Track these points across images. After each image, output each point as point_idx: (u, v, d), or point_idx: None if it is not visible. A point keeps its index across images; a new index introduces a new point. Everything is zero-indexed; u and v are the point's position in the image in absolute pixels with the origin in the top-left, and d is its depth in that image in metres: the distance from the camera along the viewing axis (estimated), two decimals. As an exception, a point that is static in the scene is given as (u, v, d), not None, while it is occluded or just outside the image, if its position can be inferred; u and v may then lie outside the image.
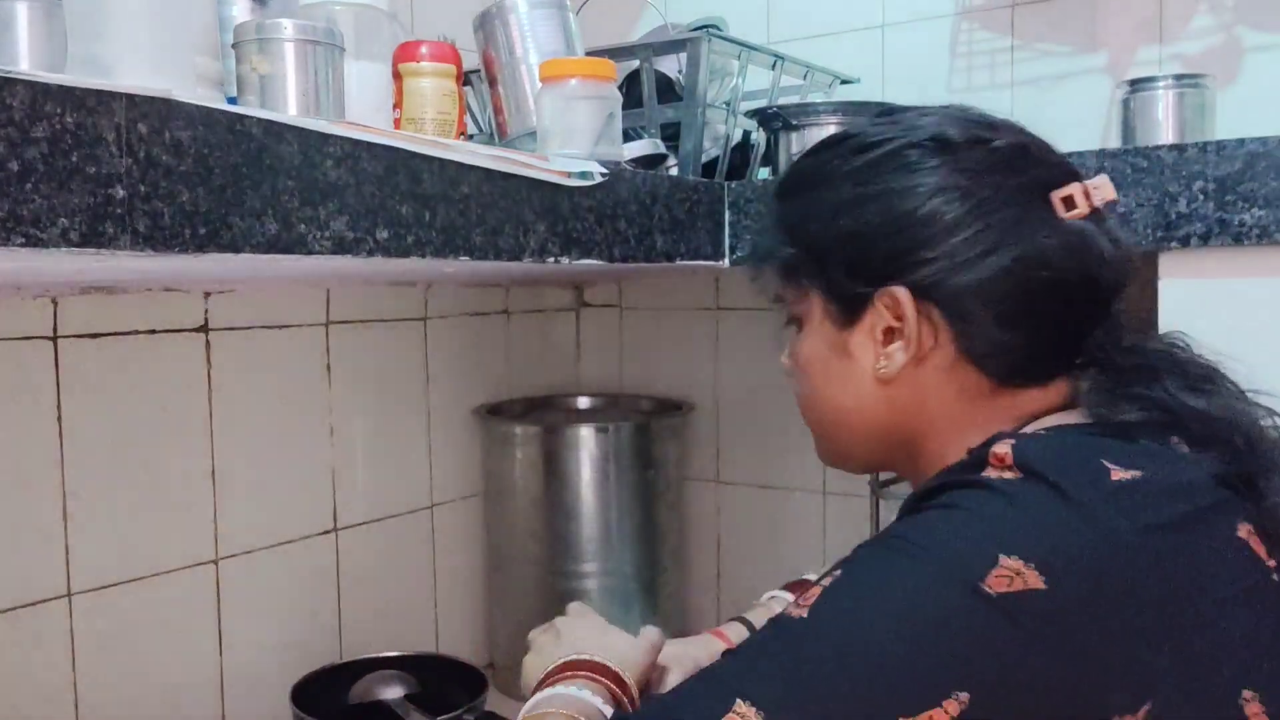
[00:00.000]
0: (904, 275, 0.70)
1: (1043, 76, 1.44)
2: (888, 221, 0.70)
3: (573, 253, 0.95)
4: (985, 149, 0.71)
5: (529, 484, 1.46)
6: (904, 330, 0.71)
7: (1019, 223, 0.69)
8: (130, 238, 0.60)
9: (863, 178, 0.72)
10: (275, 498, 1.27)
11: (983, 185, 0.69)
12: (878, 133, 0.74)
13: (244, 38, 0.79)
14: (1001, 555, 0.57)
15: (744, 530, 1.63)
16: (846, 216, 0.72)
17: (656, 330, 1.70)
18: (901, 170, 0.71)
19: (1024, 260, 0.68)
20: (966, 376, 0.71)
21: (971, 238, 0.68)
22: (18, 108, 0.54)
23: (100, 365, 1.09)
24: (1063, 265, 0.69)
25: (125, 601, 1.12)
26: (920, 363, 0.71)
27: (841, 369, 0.75)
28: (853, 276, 0.72)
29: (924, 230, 0.69)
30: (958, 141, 0.71)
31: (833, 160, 0.75)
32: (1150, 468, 0.62)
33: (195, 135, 0.63)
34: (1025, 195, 0.70)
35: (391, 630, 1.41)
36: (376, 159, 0.76)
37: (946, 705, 0.55)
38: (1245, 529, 0.62)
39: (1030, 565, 0.56)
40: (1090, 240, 0.70)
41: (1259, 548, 0.62)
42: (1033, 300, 0.69)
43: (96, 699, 1.10)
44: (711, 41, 1.25)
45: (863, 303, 0.72)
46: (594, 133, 1.01)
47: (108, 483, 1.10)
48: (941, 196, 0.69)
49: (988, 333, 0.69)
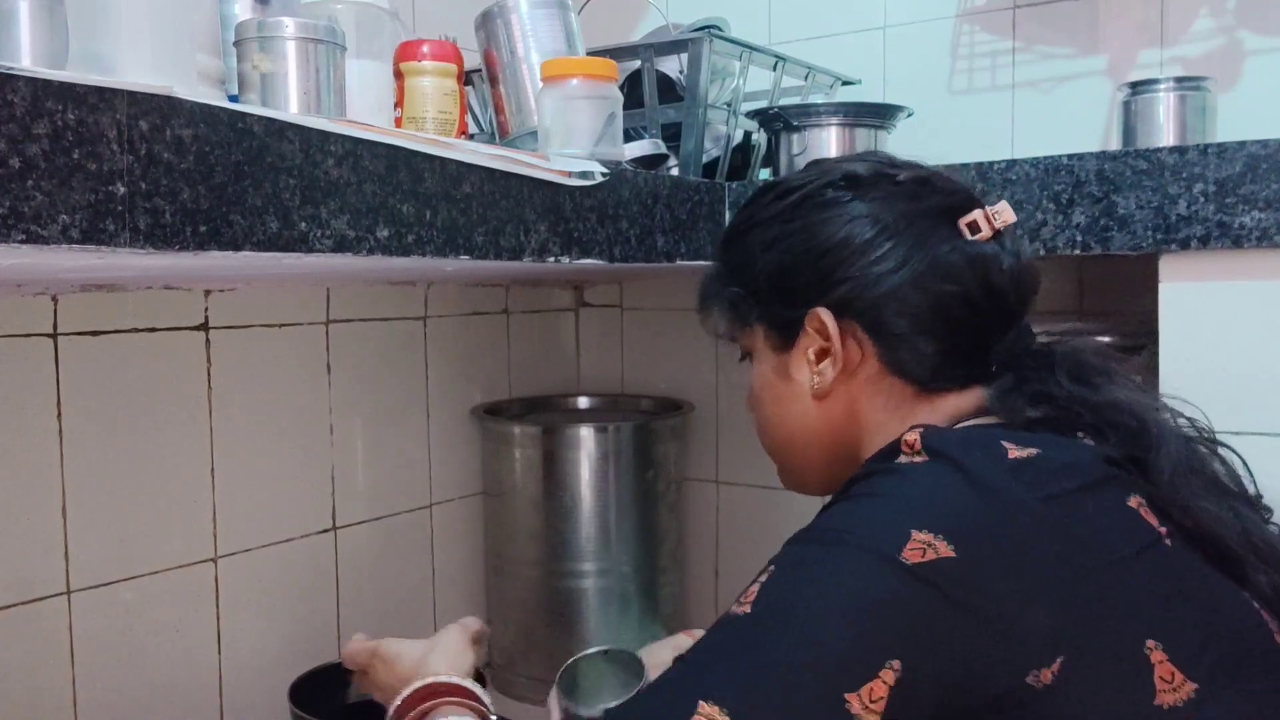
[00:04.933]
0: (827, 297, 0.78)
1: (1044, 78, 1.44)
2: (809, 250, 0.79)
3: (573, 252, 0.95)
4: (890, 182, 0.80)
5: (528, 484, 1.46)
6: (831, 348, 0.79)
7: (924, 242, 0.77)
8: (131, 235, 0.60)
9: (787, 217, 0.82)
10: (274, 497, 1.27)
11: (889, 211, 0.78)
12: (798, 178, 0.84)
13: (245, 36, 0.79)
14: (913, 530, 0.63)
15: (744, 530, 1.63)
16: (775, 251, 0.82)
17: (657, 330, 1.70)
18: (819, 206, 0.80)
19: (930, 274, 0.76)
20: (891, 385, 0.78)
21: (881, 257, 0.77)
22: (19, 104, 0.54)
23: (100, 363, 1.09)
24: (966, 278, 0.76)
25: (124, 599, 1.12)
26: (850, 376, 0.79)
27: (785, 391, 0.83)
28: (784, 303, 0.81)
29: (840, 254, 0.78)
30: (865, 177, 0.80)
31: (761, 206, 0.84)
32: (1044, 448, 0.69)
33: (196, 133, 0.63)
34: (929, 219, 0.78)
35: (390, 629, 1.40)
36: (377, 158, 0.76)
37: (883, 675, 0.60)
38: (1135, 500, 0.69)
39: (939, 537, 0.62)
40: (991, 256, 0.78)
41: (1149, 517, 0.68)
42: (942, 311, 0.76)
43: (95, 697, 1.10)
44: (713, 42, 1.25)
45: (796, 327, 0.80)
46: (595, 132, 1.01)
47: (107, 480, 1.10)
48: (854, 224, 0.78)
49: (905, 342, 0.77)
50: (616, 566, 1.45)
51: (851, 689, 0.59)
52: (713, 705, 0.59)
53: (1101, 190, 0.99)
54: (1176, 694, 0.62)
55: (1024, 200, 1.03)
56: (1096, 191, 1.00)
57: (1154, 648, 0.63)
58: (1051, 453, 0.69)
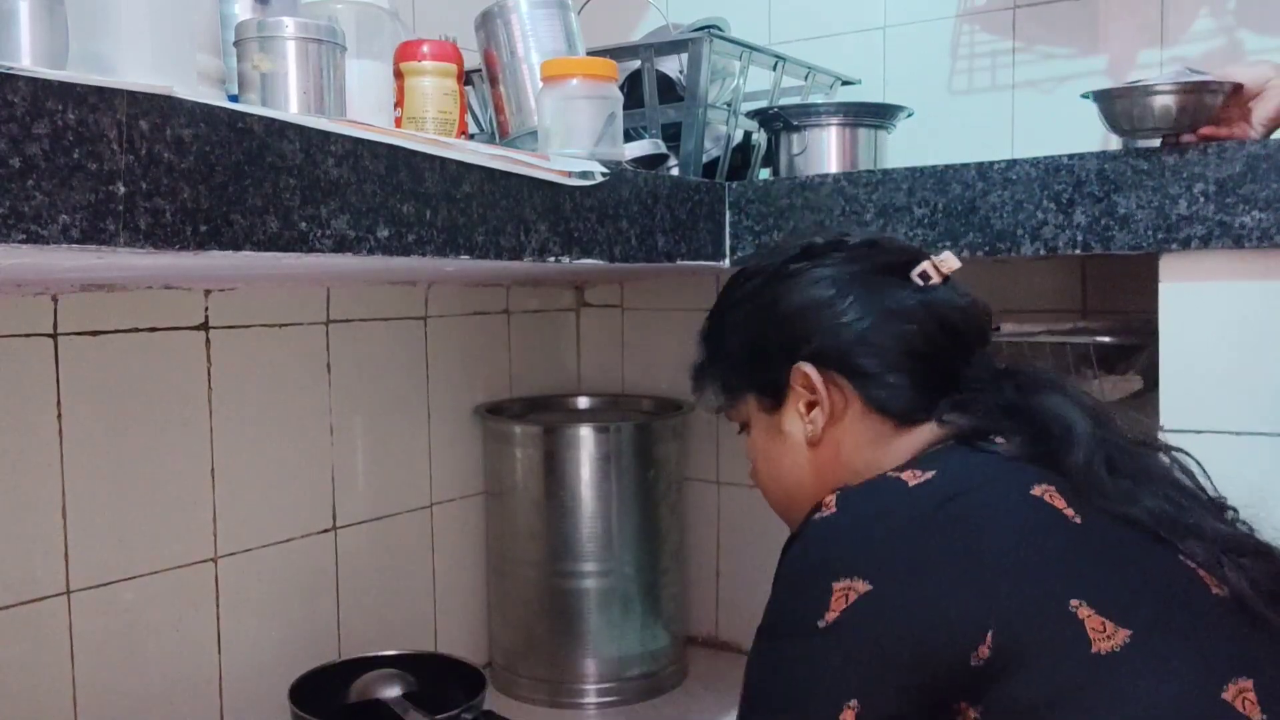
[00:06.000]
0: (803, 350, 0.87)
1: (1044, 79, 1.44)
2: (781, 317, 0.89)
3: (574, 252, 0.95)
4: (844, 248, 0.90)
5: (529, 484, 1.46)
6: (819, 398, 0.87)
7: (881, 291, 0.87)
8: (131, 235, 0.60)
9: (757, 294, 0.92)
10: (275, 496, 1.27)
11: (847, 271, 0.88)
12: (761, 262, 0.94)
13: (245, 35, 0.79)
14: (833, 583, 0.71)
15: (745, 531, 1.63)
16: (751, 326, 0.92)
17: (657, 330, 1.70)
18: (782, 279, 0.90)
19: (890, 317, 0.86)
20: (873, 422, 0.86)
21: (845, 309, 0.86)
22: (19, 104, 0.54)
23: (100, 363, 1.09)
24: (922, 317, 0.86)
25: (124, 599, 1.12)
26: (837, 420, 0.87)
27: (781, 447, 0.91)
28: (767, 368, 0.90)
29: (808, 314, 0.88)
30: (819, 246, 0.91)
31: (732, 292, 0.95)
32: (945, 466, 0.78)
33: (197, 133, 0.63)
34: (883, 271, 0.88)
35: (390, 629, 1.41)
36: (378, 158, 0.76)
37: (844, 717, 0.70)
38: (1040, 489, 0.75)
39: (856, 577, 0.71)
40: (944, 300, 0.87)
41: (1056, 501, 0.74)
42: (906, 348, 0.85)
43: (95, 696, 1.10)
44: (713, 42, 1.25)
45: (783, 385, 0.89)
46: (595, 132, 1.01)
47: (107, 480, 1.10)
48: (815, 287, 0.88)
49: (878, 380, 0.85)
50: (618, 567, 1.45)
51: None
52: None
53: (1102, 190, 0.99)
54: (1111, 640, 0.67)
55: (1024, 200, 1.03)
56: (1097, 191, 1.00)
57: (1079, 605, 0.68)
58: (951, 468, 0.78)
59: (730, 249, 1.19)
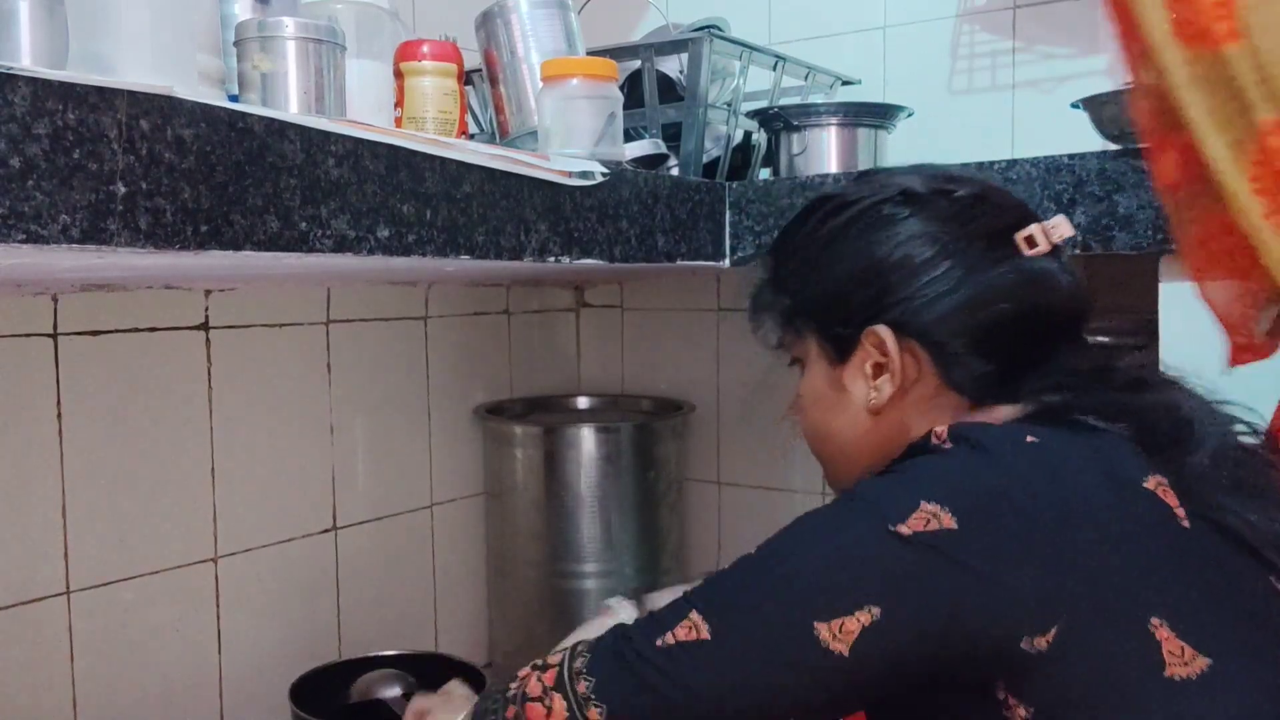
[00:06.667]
0: (884, 315, 0.79)
1: (1044, 79, 1.44)
2: (866, 269, 0.80)
3: (574, 252, 0.95)
4: (948, 199, 0.80)
5: (529, 484, 1.46)
6: (890, 365, 0.79)
7: (981, 261, 0.78)
8: (131, 234, 0.60)
9: (843, 233, 0.82)
10: (275, 496, 1.27)
11: (947, 230, 0.78)
12: (853, 193, 0.83)
13: (246, 35, 0.79)
14: (922, 500, 0.66)
15: (744, 531, 1.63)
16: (832, 268, 0.82)
17: (657, 331, 1.70)
18: (875, 224, 0.80)
19: (987, 294, 0.77)
20: (947, 400, 0.79)
21: (939, 277, 0.77)
22: (19, 104, 0.54)
23: (100, 363, 1.09)
24: (1022, 297, 0.77)
25: (124, 599, 1.12)
26: (905, 392, 0.80)
27: (838, 402, 0.83)
28: (841, 320, 0.81)
29: (898, 274, 0.78)
30: (923, 194, 0.80)
31: (816, 221, 0.84)
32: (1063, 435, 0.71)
33: (197, 133, 0.63)
34: (986, 237, 0.78)
35: (391, 629, 1.41)
36: (378, 158, 0.76)
37: (859, 615, 0.65)
38: (1153, 481, 0.69)
39: (945, 509, 0.66)
40: (1047, 275, 0.79)
41: (1167, 498, 0.69)
42: (997, 329, 0.77)
43: (95, 696, 1.10)
44: (713, 42, 1.25)
45: (852, 342, 0.81)
46: (595, 132, 1.01)
47: (107, 480, 1.10)
48: (911, 243, 0.78)
49: (963, 361, 0.78)
50: (618, 567, 1.45)
51: (821, 619, 0.65)
52: (698, 615, 0.68)
53: (1103, 190, 0.99)
54: (1188, 668, 0.63)
55: (1025, 199, 1.02)
56: (1098, 191, 1.00)
57: (1159, 625, 0.64)
58: (1068, 438, 0.71)
59: (730, 249, 1.19)
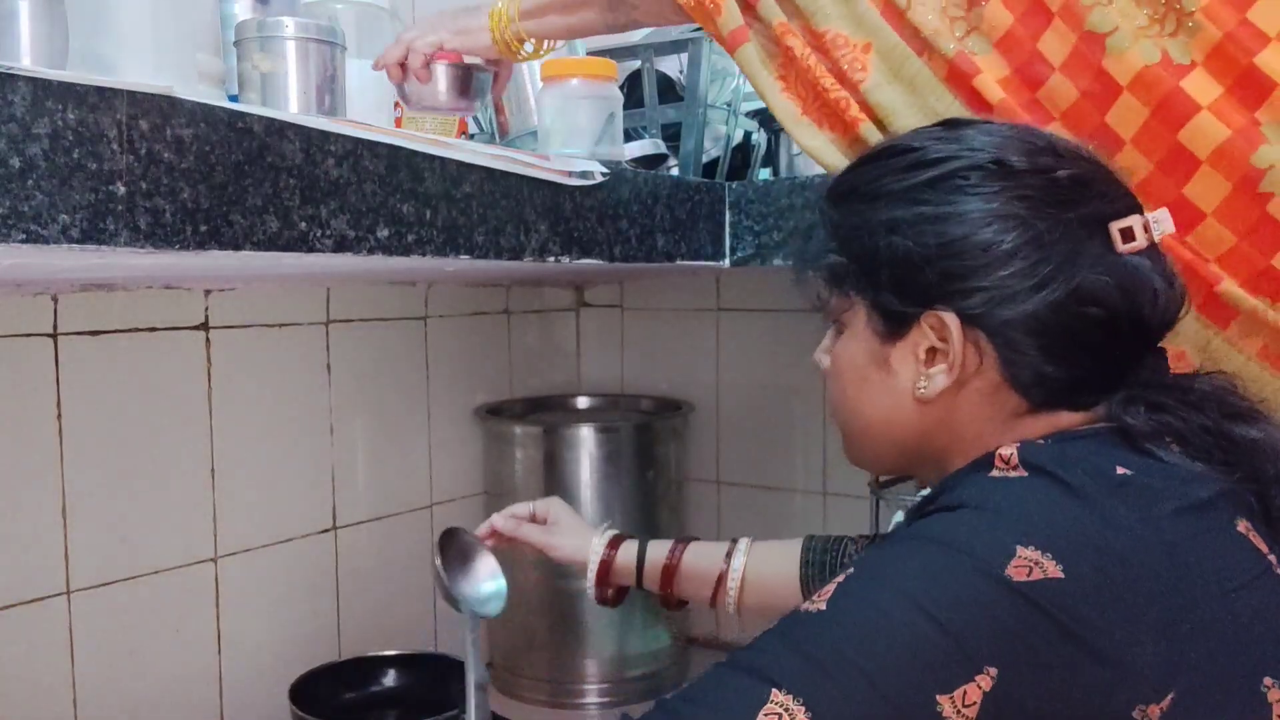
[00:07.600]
0: (953, 300, 0.69)
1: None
2: (942, 245, 0.69)
3: (574, 252, 0.95)
4: (1047, 178, 0.69)
5: (529, 484, 1.46)
6: (948, 353, 0.70)
7: (1074, 258, 0.68)
8: (131, 234, 0.60)
9: (919, 196, 0.70)
10: (275, 496, 1.27)
11: (1041, 216, 0.68)
12: (938, 150, 0.71)
13: (246, 35, 0.79)
14: (1018, 546, 0.58)
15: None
16: (900, 235, 0.70)
17: (657, 330, 1.69)
18: (959, 193, 0.69)
19: (1075, 297, 0.67)
20: (1007, 400, 0.71)
21: (1025, 270, 0.67)
22: (19, 104, 0.54)
23: (100, 363, 1.09)
24: (1113, 303, 0.68)
25: (124, 599, 1.12)
26: (961, 386, 0.71)
27: (879, 380, 0.74)
28: (901, 295, 0.71)
29: (977, 258, 0.68)
30: (1019, 168, 0.69)
31: (889, 173, 0.73)
32: (1147, 466, 0.64)
33: (197, 132, 0.63)
34: (1083, 229, 0.68)
35: (391, 629, 1.40)
36: (378, 157, 0.76)
37: (979, 680, 0.56)
38: (1243, 525, 0.64)
39: (1047, 555, 0.58)
40: (1144, 278, 0.69)
41: (1258, 542, 0.64)
42: (1080, 335, 0.68)
43: (95, 696, 1.09)
44: (713, 42, 1.25)
45: (909, 321, 0.71)
46: (595, 132, 1.02)
47: (107, 480, 1.10)
48: (998, 225, 0.68)
49: (1032, 363, 0.69)
50: (617, 567, 1.45)
51: (944, 689, 0.56)
52: (786, 694, 0.56)
53: (1102, 190, 0.99)
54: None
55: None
56: (1097, 191, 0.99)
57: (1271, 686, 0.59)
58: (1155, 471, 0.64)
59: (730, 249, 1.19)
